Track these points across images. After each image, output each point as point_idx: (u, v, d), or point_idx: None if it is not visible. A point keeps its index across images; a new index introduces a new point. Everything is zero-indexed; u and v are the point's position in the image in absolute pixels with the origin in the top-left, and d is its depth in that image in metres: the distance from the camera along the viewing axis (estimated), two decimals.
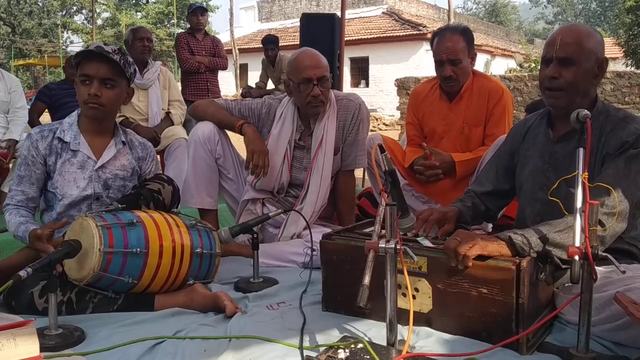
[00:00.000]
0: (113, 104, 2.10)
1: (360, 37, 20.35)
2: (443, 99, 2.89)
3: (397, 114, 11.98)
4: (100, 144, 2.15)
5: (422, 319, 1.67)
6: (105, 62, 2.04)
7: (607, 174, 1.70)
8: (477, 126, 2.83)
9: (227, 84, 20.06)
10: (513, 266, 1.51)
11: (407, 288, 1.56)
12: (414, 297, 1.67)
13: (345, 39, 5.49)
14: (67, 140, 2.10)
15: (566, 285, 1.75)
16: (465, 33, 2.80)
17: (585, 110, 1.54)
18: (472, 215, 2.08)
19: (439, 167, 2.74)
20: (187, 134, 3.66)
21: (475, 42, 2.87)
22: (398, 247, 1.44)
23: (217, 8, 29.88)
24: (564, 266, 1.66)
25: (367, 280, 1.38)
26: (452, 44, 2.71)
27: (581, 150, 1.49)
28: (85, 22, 35.88)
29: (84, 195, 2.10)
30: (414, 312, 1.57)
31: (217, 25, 65.46)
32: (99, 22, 31.98)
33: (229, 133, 2.73)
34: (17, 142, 3.70)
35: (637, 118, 1.79)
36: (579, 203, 1.41)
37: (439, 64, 2.76)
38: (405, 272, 1.48)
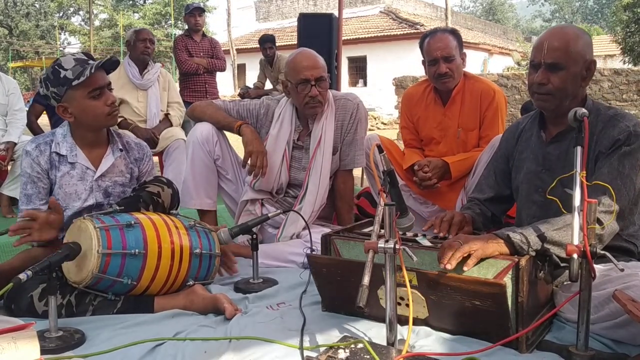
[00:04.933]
0: None
1: (357, 36, 20.37)
2: (437, 103, 2.88)
3: (395, 113, 12.00)
4: (97, 153, 2.13)
5: (420, 323, 1.67)
6: (102, 70, 2.04)
7: (602, 173, 1.71)
8: (472, 130, 2.83)
9: (225, 85, 20.05)
10: (502, 281, 1.50)
11: (402, 298, 1.56)
12: (407, 305, 1.66)
13: (343, 38, 5.50)
14: (63, 154, 2.08)
15: (565, 283, 1.75)
16: (455, 33, 2.83)
17: (583, 109, 1.54)
18: (482, 222, 2.07)
19: (433, 176, 2.75)
20: (186, 135, 3.67)
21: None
22: (397, 246, 1.44)
23: (215, 8, 29.93)
24: (562, 264, 1.67)
25: (366, 280, 1.38)
26: (445, 42, 2.73)
27: (579, 148, 1.49)
28: (82, 23, 35.89)
29: (87, 206, 2.10)
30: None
31: (215, 25, 65.21)
32: (97, 23, 31.95)
33: (228, 134, 2.73)
34: (15, 144, 3.70)
35: (627, 115, 1.80)
36: (577, 202, 1.42)
37: (432, 63, 2.75)
38: (405, 274, 1.48)
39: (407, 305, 1.53)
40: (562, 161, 1.85)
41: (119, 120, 3.84)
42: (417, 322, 1.65)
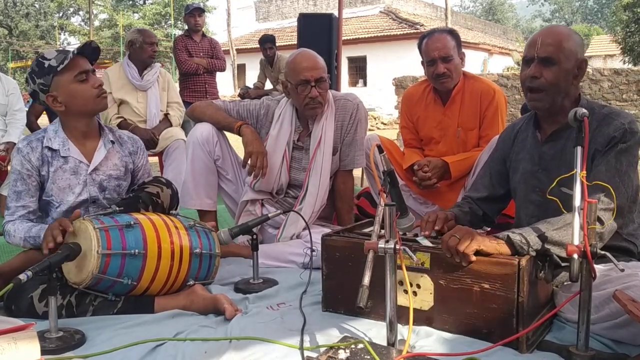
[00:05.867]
0: None
1: (357, 36, 20.38)
2: (437, 102, 2.89)
3: (395, 113, 12.00)
4: (89, 147, 2.12)
5: (422, 317, 1.68)
6: (84, 57, 2.05)
7: (600, 171, 1.71)
8: (471, 129, 2.84)
9: (225, 85, 20.06)
10: (515, 261, 1.52)
11: (408, 286, 1.57)
12: (415, 293, 1.68)
13: (343, 38, 5.50)
14: (55, 148, 2.06)
15: (565, 283, 1.76)
16: (453, 33, 2.83)
17: (583, 110, 1.54)
18: (469, 220, 2.08)
19: (432, 176, 2.75)
20: (186, 136, 3.66)
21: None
22: (397, 247, 1.44)
23: (215, 8, 29.94)
24: (563, 264, 1.67)
25: (366, 280, 1.39)
26: (443, 42, 2.73)
27: (579, 149, 1.50)
28: (82, 23, 35.90)
29: (81, 200, 2.08)
30: (414, 309, 1.58)
31: (215, 25, 65.07)
32: (96, 23, 31.95)
33: (228, 134, 2.73)
34: (15, 144, 3.70)
35: (621, 113, 1.81)
36: (577, 201, 1.42)
37: (430, 63, 2.76)
38: (404, 270, 1.48)
39: (415, 292, 1.55)
40: (557, 160, 1.86)
41: (119, 120, 3.85)
42: (419, 316, 1.66)
